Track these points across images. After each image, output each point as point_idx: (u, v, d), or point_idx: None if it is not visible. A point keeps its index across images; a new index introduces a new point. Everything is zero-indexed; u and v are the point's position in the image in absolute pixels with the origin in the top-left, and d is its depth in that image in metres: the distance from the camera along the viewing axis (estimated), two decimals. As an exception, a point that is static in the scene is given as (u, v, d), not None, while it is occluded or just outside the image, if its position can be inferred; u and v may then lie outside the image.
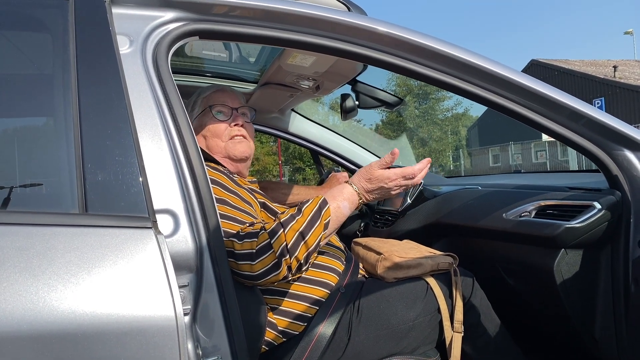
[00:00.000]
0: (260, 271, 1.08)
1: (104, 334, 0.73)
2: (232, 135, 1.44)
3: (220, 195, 1.19)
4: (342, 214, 1.21)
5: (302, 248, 1.11)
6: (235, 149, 1.44)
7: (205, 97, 1.50)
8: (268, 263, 1.08)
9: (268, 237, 1.09)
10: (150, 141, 0.93)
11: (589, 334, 1.37)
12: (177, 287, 0.78)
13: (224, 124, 1.45)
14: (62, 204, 0.86)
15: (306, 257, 1.12)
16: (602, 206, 1.27)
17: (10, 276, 0.71)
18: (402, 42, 1.19)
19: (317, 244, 1.14)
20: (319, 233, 1.14)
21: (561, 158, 19.36)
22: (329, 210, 1.17)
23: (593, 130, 1.24)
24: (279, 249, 1.08)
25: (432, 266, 1.43)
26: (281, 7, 1.13)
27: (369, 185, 1.26)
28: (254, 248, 1.08)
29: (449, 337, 1.34)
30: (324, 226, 1.15)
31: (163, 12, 1.07)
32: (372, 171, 1.26)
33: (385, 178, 1.25)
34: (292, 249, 1.09)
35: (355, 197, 1.25)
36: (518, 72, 1.23)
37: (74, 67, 0.90)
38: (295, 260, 1.10)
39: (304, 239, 1.11)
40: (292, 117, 2.57)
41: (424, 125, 27.95)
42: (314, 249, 1.14)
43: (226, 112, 1.47)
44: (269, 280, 1.10)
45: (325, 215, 1.16)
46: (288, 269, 1.11)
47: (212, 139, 1.44)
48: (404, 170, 1.26)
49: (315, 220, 1.14)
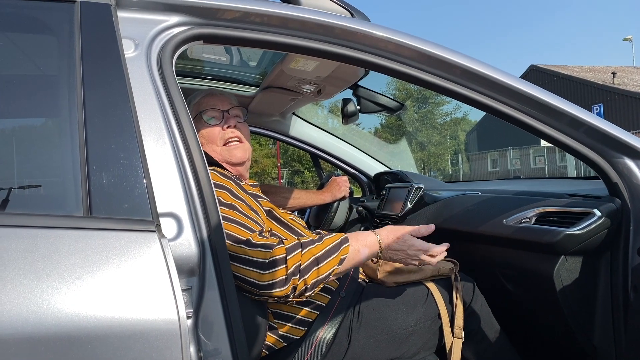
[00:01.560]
0: (267, 282, 1.08)
1: (107, 336, 0.73)
2: (226, 139, 1.44)
3: (229, 201, 1.19)
4: (359, 257, 1.19)
5: (313, 273, 1.11)
6: (232, 154, 1.43)
7: (195, 103, 1.50)
8: (277, 277, 1.08)
9: (285, 253, 1.10)
10: (154, 144, 0.93)
11: (588, 340, 1.38)
12: (180, 290, 0.78)
13: (217, 128, 1.44)
14: (67, 207, 0.86)
15: (314, 283, 1.13)
16: (602, 213, 1.28)
17: (14, 278, 0.72)
18: (404, 48, 1.19)
19: (327, 275, 1.14)
20: (332, 265, 1.14)
21: (559, 164, 19.40)
22: (347, 248, 1.17)
23: (593, 137, 1.25)
24: (292, 267, 1.09)
25: (432, 271, 1.43)
26: (285, 12, 1.13)
27: (393, 244, 1.23)
28: (267, 258, 1.09)
29: (449, 342, 1.34)
30: (339, 261, 1.15)
31: (168, 16, 1.07)
32: (403, 232, 1.24)
33: (412, 245, 1.23)
34: (304, 271, 1.10)
35: (376, 248, 1.22)
36: (518, 79, 1.24)
37: (79, 70, 0.90)
38: (303, 283, 1.11)
39: (318, 266, 1.12)
40: (293, 120, 2.58)
41: (423, 130, 28.00)
42: (323, 278, 1.14)
43: (217, 116, 1.46)
44: (271, 293, 1.09)
45: (343, 251, 1.16)
46: (292, 290, 1.10)
47: (208, 145, 1.43)
48: (430, 247, 1.23)
49: (333, 252, 1.15)
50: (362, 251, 1.20)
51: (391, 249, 1.24)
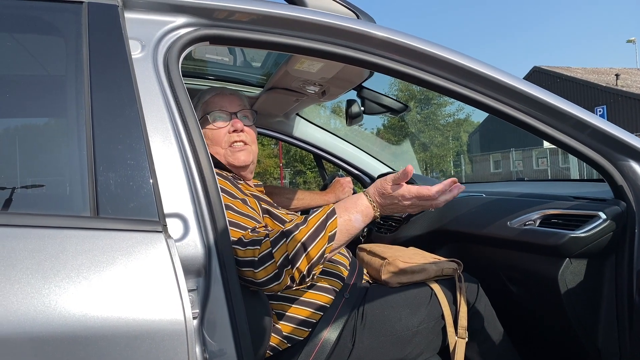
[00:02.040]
0: (262, 279, 1.05)
1: (114, 337, 0.73)
2: (231, 142, 1.42)
3: (225, 202, 1.18)
4: (353, 226, 1.12)
5: (304, 260, 1.05)
6: (235, 157, 1.42)
7: (204, 102, 1.48)
8: (270, 272, 1.05)
9: (270, 246, 1.05)
10: (161, 145, 0.93)
11: (592, 343, 1.37)
12: (186, 291, 0.79)
13: (223, 130, 1.42)
14: (74, 207, 0.87)
15: (308, 269, 1.06)
16: (607, 216, 1.28)
17: (22, 278, 0.72)
18: (408, 49, 1.20)
19: (320, 256, 1.07)
20: (322, 245, 1.07)
21: (562, 165, 19.36)
22: (335, 221, 1.09)
23: (598, 140, 1.25)
24: (280, 259, 1.04)
25: (436, 272, 1.43)
26: (290, 14, 1.14)
27: (382, 200, 1.15)
28: (256, 256, 1.05)
29: (452, 342, 1.34)
30: (329, 238, 1.07)
31: (174, 17, 1.07)
32: (385, 186, 1.14)
33: (399, 196, 1.13)
34: (293, 260, 1.04)
35: (370, 210, 1.14)
36: (520, 80, 1.24)
37: (86, 71, 0.91)
38: (297, 272, 1.05)
39: (306, 251, 1.05)
40: (296, 121, 2.58)
41: (426, 130, 27.98)
42: (316, 261, 1.07)
43: (225, 118, 1.44)
44: (271, 288, 1.07)
45: (330, 227, 1.08)
46: (291, 279, 1.06)
47: (212, 146, 1.41)
48: (419, 190, 1.12)
49: (319, 232, 1.07)
50: (354, 218, 1.12)
51: (383, 205, 1.15)
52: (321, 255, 1.07)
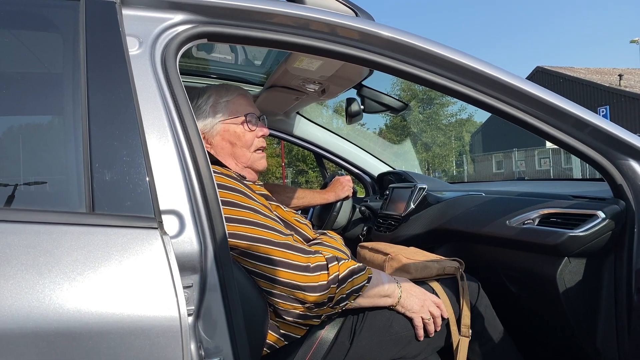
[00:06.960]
0: (308, 284, 1.15)
1: (108, 333, 0.73)
2: (258, 147, 1.43)
3: (248, 203, 1.19)
4: (380, 286, 1.29)
5: (349, 284, 1.21)
6: (260, 163, 1.44)
7: (230, 100, 1.41)
8: (319, 280, 1.16)
9: (325, 261, 1.20)
10: (157, 142, 0.93)
11: (590, 343, 1.37)
12: (181, 287, 0.78)
13: (253, 134, 1.42)
14: (70, 203, 0.87)
15: (349, 294, 1.22)
16: (606, 215, 1.27)
17: (16, 274, 0.72)
18: (408, 48, 1.19)
19: (360, 287, 1.24)
20: (363, 280, 1.25)
21: (564, 165, 19.32)
22: (370, 270, 1.29)
23: (598, 139, 1.24)
24: (333, 275, 1.19)
25: (438, 270, 1.43)
26: (289, 11, 1.13)
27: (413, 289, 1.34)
28: (309, 263, 1.17)
29: (455, 341, 1.34)
30: (367, 278, 1.26)
31: (172, 14, 1.07)
32: (420, 289, 1.36)
33: (430, 297, 1.35)
34: (342, 280, 1.20)
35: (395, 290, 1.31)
36: (523, 80, 1.23)
37: (83, 68, 0.91)
38: (340, 292, 1.19)
39: (352, 277, 1.22)
40: (297, 120, 2.58)
41: (428, 130, 27.96)
42: (357, 290, 1.23)
43: (254, 122, 1.43)
44: (309, 296, 1.15)
45: (368, 271, 1.28)
46: (329, 299, 1.18)
47: (241, 148, 1.40)
48: (438, 301, 1.35)
49: (360, 270, 1.26)
50: (384, 280, 1.31)
51: (411, 293, 1.33)
52: (361, 287, 1.24)
